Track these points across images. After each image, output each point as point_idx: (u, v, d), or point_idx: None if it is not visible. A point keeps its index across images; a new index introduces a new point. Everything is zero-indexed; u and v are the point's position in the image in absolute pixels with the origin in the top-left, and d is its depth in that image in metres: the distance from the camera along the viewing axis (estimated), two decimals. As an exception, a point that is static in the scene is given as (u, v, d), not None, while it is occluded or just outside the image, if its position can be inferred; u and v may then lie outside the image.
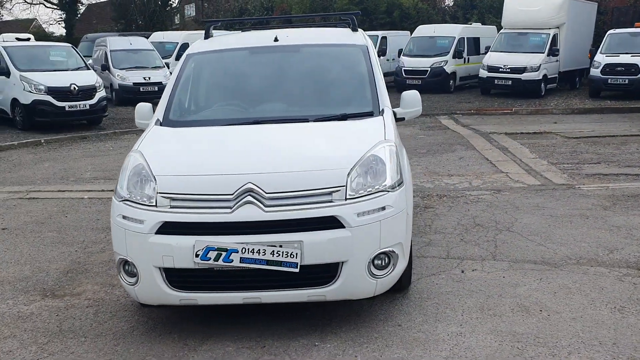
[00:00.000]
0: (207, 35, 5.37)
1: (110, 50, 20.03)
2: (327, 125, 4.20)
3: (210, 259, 3.31)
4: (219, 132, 4.16)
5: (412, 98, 4.76)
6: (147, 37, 24.61)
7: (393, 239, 3.55)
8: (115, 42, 20.53)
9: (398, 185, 3.67)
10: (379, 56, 6.40)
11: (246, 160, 3.65)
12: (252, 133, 4.04)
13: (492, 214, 6.28)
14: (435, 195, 7.20)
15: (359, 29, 5.39)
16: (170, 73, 19.61)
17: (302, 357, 3.37)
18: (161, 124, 4.35)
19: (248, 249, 3.30)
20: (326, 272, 3.40)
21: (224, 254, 3.31)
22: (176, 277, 3.41)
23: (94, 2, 41.26)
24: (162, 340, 3.63)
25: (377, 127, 4.10)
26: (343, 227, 3.37)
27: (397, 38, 25.32)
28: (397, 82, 20.99)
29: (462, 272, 4.66)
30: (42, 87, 13.09)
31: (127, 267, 3.55)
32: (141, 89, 18.98)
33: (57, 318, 4.04)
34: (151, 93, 19.24)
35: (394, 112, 4.65)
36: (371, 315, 3.89)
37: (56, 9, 39.10)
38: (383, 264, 3.56)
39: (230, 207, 3.36)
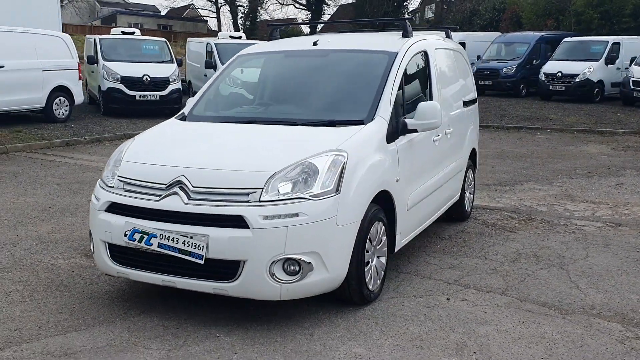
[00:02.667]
0: (271, 38, 5.72)
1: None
2: (304, 130, 4.29)
3: (135, 240, 3.71)
4: (204, 128, 4.52)
5: (428, 109, 4.57)
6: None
7: (305, 247, 3.56)
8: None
9: (328, 195, 3.64)
10: (606, 64, 6.08)
11: (189, 154, 3.96)
12: (227, 132, 4.33)
13: (567, 248, 5.64)
14: (536, 220, 6.65)
15: (413, 35, 5.30)
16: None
17: (200, 344, 3.56)
18: (182, 118, 4.84)
19: (165, 235, 3.61)
20: (229, 269, 3.55)
21: (145, 237, 3.67)
22: (115, 251, 3.87)
23: (343, 2, 43.87)
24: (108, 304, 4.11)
25: (343, 136, 4.08)
26: (247, 227, 3.49)
27: (634, 45, 22.64)
28: (623, 95, 18.95)
29: (448, 299, 4.35)
30: (118, 76, 14.48)
31: (90, 238, 4.12)
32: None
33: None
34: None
35: (405, 122, 4.53)
36: (292, 320, 3.88)
37: (303, 9, 42.51)
38: (292, 270, 3.58)
39: (159, 196, 3.71)
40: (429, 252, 5.48)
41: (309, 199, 3.59)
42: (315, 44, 5.25)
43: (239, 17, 44.01)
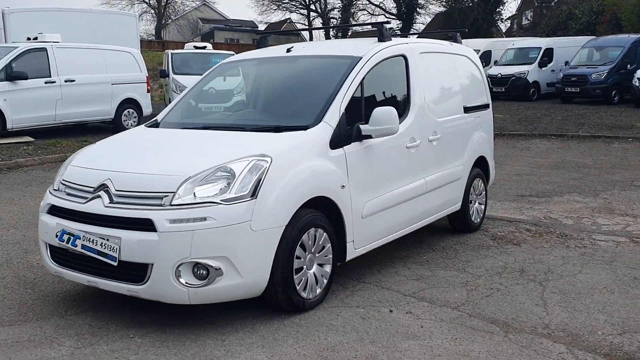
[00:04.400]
0: (259, 45, 5.80)
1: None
2: (247, 135, 4.33)
3: (64, 240, 3.88)
4: (158, 134, 4.66)
5: (382, 115, 4.45)
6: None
7: (212, 252, 3.56)
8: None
9: (241, 200, 3.63)
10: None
11: (121, 158, 4.10)
12: (172, 137, 4.46)
13: (563, 263, 5.28)
14: (554, 233, 6.27)
15: (391, 39, 5.19)
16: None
17: (109, 344, 3.64)
18: (154, 124, 5.02)
19: (87, 237, 3.76)
20: (140, 271, 3.63)
21: (72, 238, 3.84)
22: (53, 251, 4.06)
23: (437, 11, 43.26)
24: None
25: (276, 141, 4.08)
26: (155, 230, 3.56)
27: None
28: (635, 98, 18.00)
29: (390, 311, 4.18)
30: (185, 88, 14.78)
31: None
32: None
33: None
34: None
35: (360, 128, 4.45)
36: (216, 324, 3.88)
37: (394, 18, 42.36)
38: (200, 274, 3.60)
39: (87, 199, 3.87)
40: (409, 262, 5.29)
41: (220, 204, 3.60)
42: (289, 50, 5.27)
43: (331, 29, 44.59)
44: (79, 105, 12.91)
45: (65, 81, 12.52)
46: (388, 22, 5.31)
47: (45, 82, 12.28)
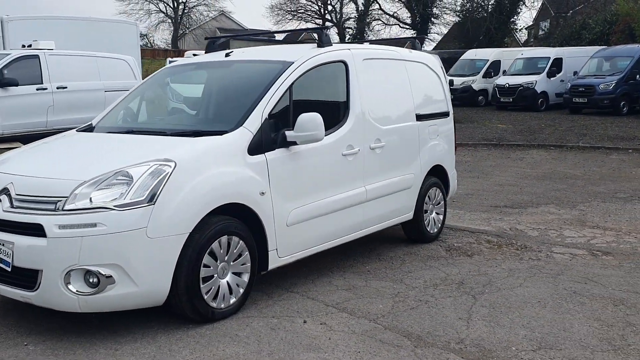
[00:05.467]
0: (207, 50, 5.74)
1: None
2: (163, 140, 4.28)
3: (-31, 245, 3.84)
4: (77, 138, 4.62)
5: (307, 121, 4.35)
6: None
7: (103, 259, 3.49)
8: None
9: (137, 206, 3.56)
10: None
11: (28, 162, 4.05)
12: (86, 141, 4.45)
13: (507, 275, 5.13)
14: (514, 245, 6.11)
15: (332, 45, 5.11)
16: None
17: (0, 351, 3.60)
18: (86, 129, 4.98)
19: (-12, 242, 3.71)
20: (31, 277, 3.56)
21: (-27, 242, 3.80)
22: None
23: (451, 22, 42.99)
24: None
25: (187, 145, 4.01)
26: (45, 236, 3.50)
27: None
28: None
29: (304, 322, 4.06)
30: (181, 97, 14.69)
31: None
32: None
33: None
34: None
35: (285, 134, 4.36)
36: (116, 333, 3.80)
37: (409, 28, 42.21)
38: (92, 282, 3.53)
39: None
40: (348, 271, 5.17)
41: (112, 209, 3.53)
42: (227, 55, 5.21)
43: (346, 38, 44.61)
44: (70, 112, 12.96)
45: (57, 88, 12.61)
46: (327, 28, 5.21)
47: (37, 89, 12.38)
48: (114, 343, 3.66)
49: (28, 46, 12.83)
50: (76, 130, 4.97)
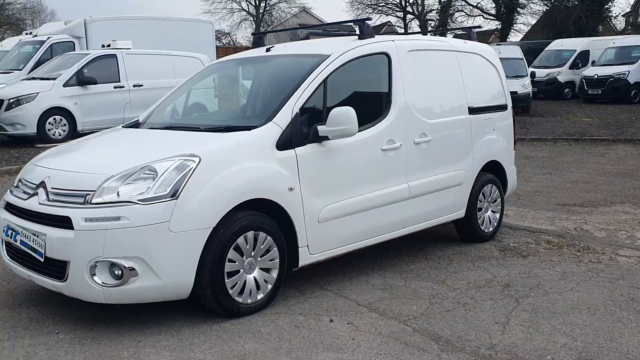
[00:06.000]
0: (255, 45, 5.75)
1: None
2: (195, 135, 4.31)
3: (9, 235, 4.02)
4: (120, 134, 4.73)
5: (339, 115, 4.26)
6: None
7: (125, 252, 3.54)
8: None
9: (160, 200, 3.59)
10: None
11: (66, 156, 4.19)
12: (131, 137, 4.54)
13: (560, 279, 4.84)
14: (576, 247, 5.76)
15: (374, 36, 4.99)
16: (530, 82, 19.21)
17: (31, 338, 3.71)
18: (132, 125, 5.11)
19: (24, 233, 3.87)
20: (61, 268, 3.67)
21: (13, 233, 3.97)
22: (7, 246, 4.21)
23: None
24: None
25: (209, 141, 4.02)
26: (72, 228, 3.60)
27: None
28: None
29: (331, 321, 3.97)
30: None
31: None
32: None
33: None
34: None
35: (317, 129, 4.29)
36: (143, 324, 3.84)
37: (493, 19, 40.86)
38: (117, 274, 3.59)
39: (28, 195, 3.99)
40: (389, 271, 5.03)
41: (136, 203, 3.58)
42: (268, 50, 5.19)
43: (428, 30, 43.80)
44: (146, 109, 13.46)
45: (134, 86, 13.13)
46: (369, 19, 5.07)
47: (115, 87, 12.95)
48: (138, 334, 3.72)
49: (107, 46, 13.41)
50: (122, 126, 5.11)
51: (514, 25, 40.65)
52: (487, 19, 41.10)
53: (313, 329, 3.83)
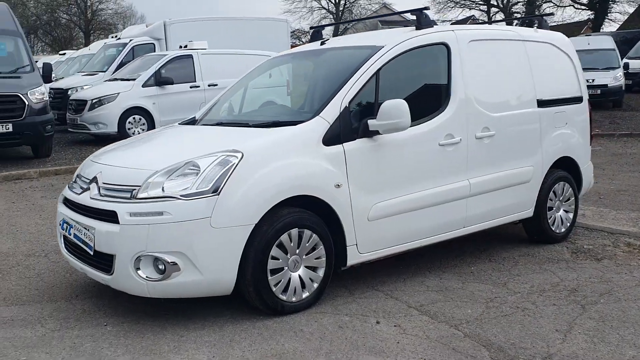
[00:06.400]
0: (312, 39, 5.67)
1: (563, 52, 19.51)
2: (243, 131, 4.29)
3: (64, 229, 4.14)
4: (173, 131, 4.77)
5: (391, 109, 4.10)
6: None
7: (168, 246, 3.54)
8: (572, 43, 19.81)
9: (202, 196, 3.57)
10: None
11: (121, 152, 4.27)
12: (182, 134, 4.57)
13: (634, 285, 4.46)
14: None
15: (433, 26, 4.79)
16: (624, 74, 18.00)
17: (79, 329, 3.76)
18: (189, 122, 5.16)
19: (77, 227, 3.96)
20: (109, 261, 3.72)
21: (68, 226, 4.08)
22: (63, 240, 4.32)
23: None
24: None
25: (254, 136, 3.97)
26: (118, 223, 3.64)
27: None
28: None
29: (377, 323, 3.81)
30: None
31: None
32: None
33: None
34: (592, 97, 17.95)
35: (367, 123, 4.16)
36: (189, 319, 3.80)
37: (585, 9, 38.86)
38: (160, 269, 3.59)
39: (82, 190, 4.08)
40: (448, 272, 4.80)
41: (179, 199, 3.57)
42: (322, 43, 5.10)
43: (514, 24, 42.21)
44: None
45: (209, 85, 13.39)
46: (427, 9, 4.85)
47: (190, 87, 13.26)
48: (182, 329, 3.72)
49: (184, 47, 13.76)
50: (178, 124, 5.16)
51: (609, 14, 38.46)
52: (579, 9, 39.11)
53: (357, 330, 3.68)
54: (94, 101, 12.40)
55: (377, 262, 4.49)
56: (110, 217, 3.68)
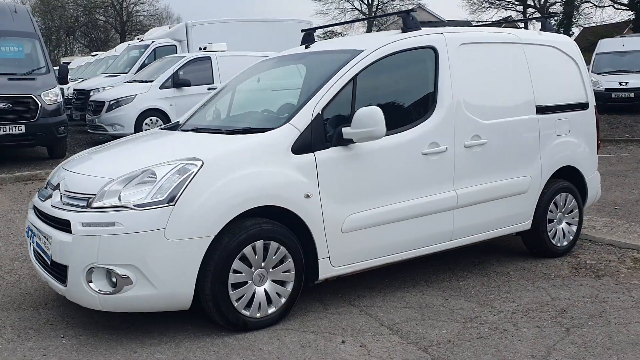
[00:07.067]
0: (303, 43, 5.50)
1: (597, 53, 19.00)
2: (212, 137, 4.15)
3: (29, 236, 4.06)
4: (146, 137, 4.66)
5: (365, 116, 3.90)
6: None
7: (119, 259, 3.40)
8: (606, 45, 19.27)
9: (156, 206, 3.43)
10: None
11: (87, 159, 4.18)
12: (153, 140, 4.46)
13: (631, 306, 4.16)
14: None
15: (420, 29, 4.57)
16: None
17: (36, 341, 3.64)
18: (170, 127, 5.03)
19: (39, 235, 3.86)
20: (63, 272, 3.61)
21: (32, 234, 3.99)
22: (32, 247, 4.22)
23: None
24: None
25: (217, 143, 3.83)
26: (71, 232, 3.53)
27: None
28: None
29: (343, 342, 3.61)
30: None
31: None
32: (613, 95, 17.40)
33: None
34: (625, 100, 17.39)
35: (341, 131, 3.97)
36: (144, 333, 3.66)
37: (625, 9, 37.70)
38: (113, 281, 3.46)
39: (45, 197, 3.99)
40: (432, 287, 4.57)
41: (131, 209, 3.43)
42: (307, 47, 4.93)
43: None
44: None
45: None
46: (413, 11, 4.62)
47: (208, 89, 13.20)
48: (138, 344, 3.59)
49: (203, 48, 13.73)
50: (159, 128, 5.05)
51: (649, 15, 37.16)
52: (619, 9, 37.96)
53: (319, 350, 3.49)
54: (111, 102, 12.47)
55: (360, 274, 4.30)
56: (66, 226, 3.57)
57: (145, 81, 12.99)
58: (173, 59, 13.45)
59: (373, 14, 45.20)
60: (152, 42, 15.95)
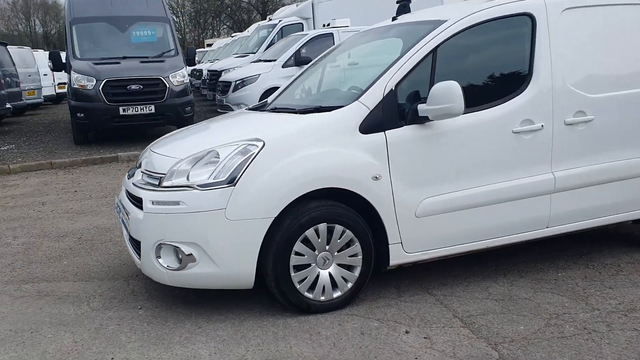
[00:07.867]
0: (398, 14, 5.24)
1: None
2: (282, 117, 4.09)
3: (118, 212, 4.28)
4: (231, 117, 4.67)
5: (440, 92, 3.64)
6: None
7: (183, 237, 3.46)
8: None
9: (217, 186, 3.44)
10: None
11: (170, 139, 4.31)
12: (234, 120, 4.49)
13: None
14: None
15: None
16: None
17: (118, 311, 3.81)
18: (256, 108, 5.05)
19: (123, 210, 4.06)
20: (139, 247, 3.74)
21: (119, 210, 4.21)
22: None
23: None
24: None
25: (283, 123, 3.77)
26: (143, 210, 3.65)
27: None
28: None
29: (407, 332, 3.42)
30: None
31: None
32: None
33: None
34: None
35: (416, 109, 3.75)
36: (221, 312, 3.69)
37: None
38: (180, 258, 3.54)
39: (131, 175, 4.17)
40: (527, 277, 4.21)
41: (195, 189, 3.47)
42: (394, 19, 4.69)
43: None
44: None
45: (349, 65, 13.23)
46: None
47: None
48: (204, 320, 3.66)
49: (327, 25, 13.72)
50: (246, 109, 5.08)
51: None
52: None
53: (378, 339, 3.34)
54: (237, 82, 12.90)
55: (447, 262, 4.06)
56: (140, 203, 3.71)
57: (270, 60, 13.27)
58: (296, 37, 13.59)
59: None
60: (280, 21, 16.23)
